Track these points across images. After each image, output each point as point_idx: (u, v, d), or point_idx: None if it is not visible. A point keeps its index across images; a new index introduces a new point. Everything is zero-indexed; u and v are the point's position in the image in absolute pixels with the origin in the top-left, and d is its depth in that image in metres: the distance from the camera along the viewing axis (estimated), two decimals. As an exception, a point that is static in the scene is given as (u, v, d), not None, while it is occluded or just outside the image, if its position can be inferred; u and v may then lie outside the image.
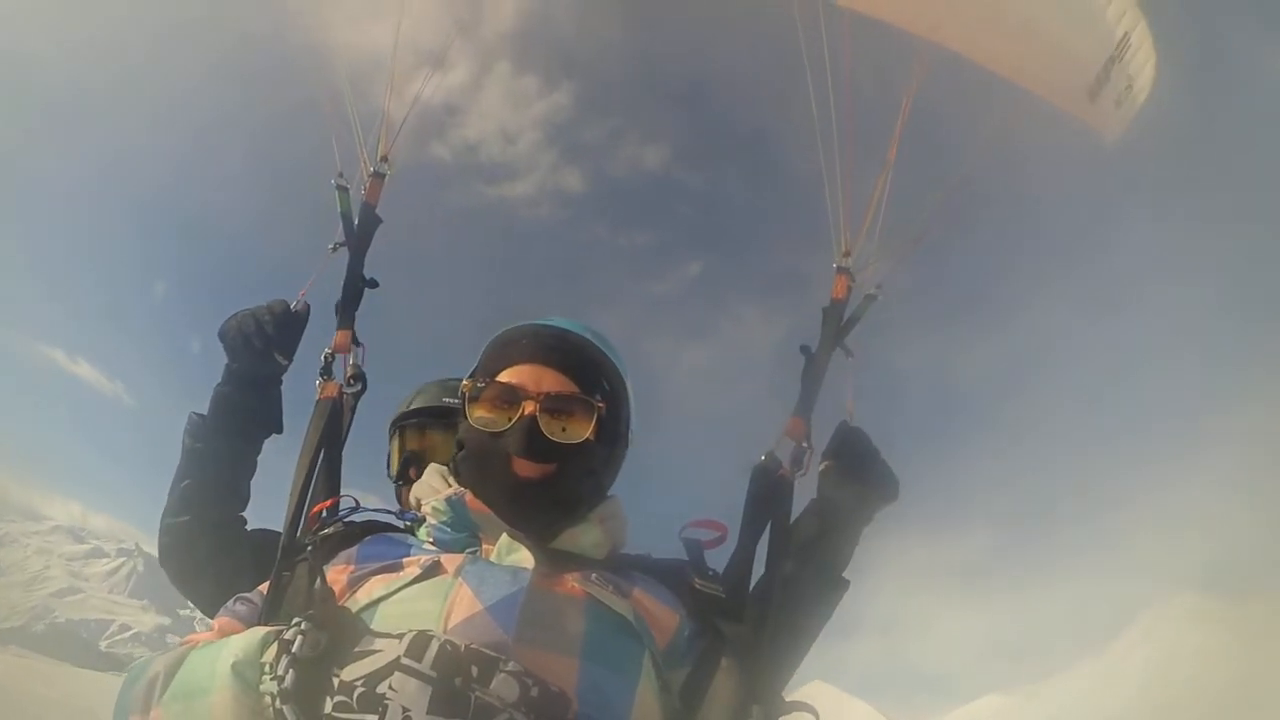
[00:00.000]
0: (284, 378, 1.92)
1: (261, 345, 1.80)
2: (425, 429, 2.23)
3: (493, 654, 1.06)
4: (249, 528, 1.86)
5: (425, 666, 1.02)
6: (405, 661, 1.02)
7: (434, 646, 1.04)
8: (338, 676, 1.04)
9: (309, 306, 1.89)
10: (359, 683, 1.02)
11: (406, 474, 2.16)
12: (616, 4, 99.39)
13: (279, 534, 1.53)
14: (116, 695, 1.22)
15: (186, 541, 1.79)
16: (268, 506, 1.68)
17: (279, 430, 1.91)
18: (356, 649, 1.06)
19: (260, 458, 1.94)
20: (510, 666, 1.06)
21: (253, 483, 1.92)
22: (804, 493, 1.78)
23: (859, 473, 1.78)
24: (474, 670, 1.04)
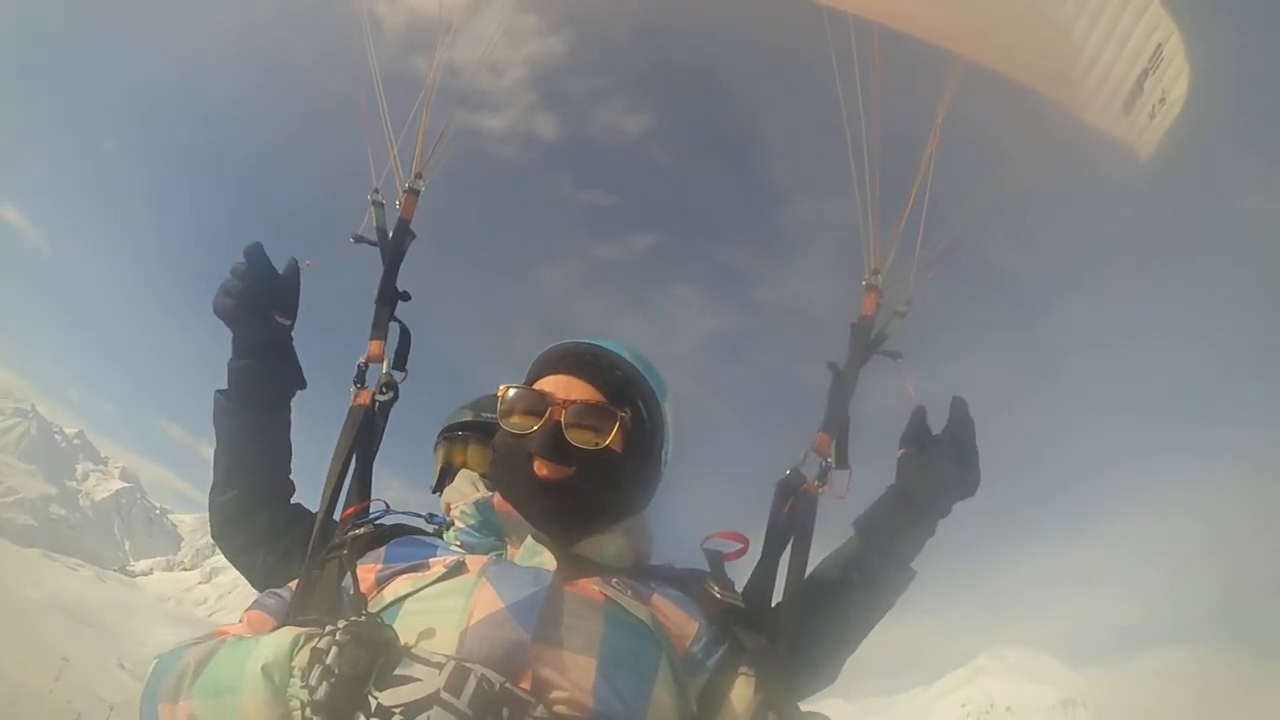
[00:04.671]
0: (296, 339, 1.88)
1: (245, 290, 1.74)
2: (468, 442, 2.29)
3: (526, 696, 1.10)
4: (300, 503, 1.88)
5: (463, 704, 1.05)
6: (444, 696, 1.05)
7: (471, 682, 1.07)
8: (374, 698, 1.05)
9: (298, 264, 1.84)
10: (397, 710, 1.05)
11: (444, 486, 2.22)
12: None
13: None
14: (144, 682, 1.27)
15: (237, 516, 1.82)
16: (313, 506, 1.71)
17: (303, 386, 1.90)
18: (395, 672, 1.08)
19: (303, 466, 1.96)
20: (539, 712, 1.09)
21: (300, 492, 1.93)
22: (827, 508, 1.77)
23: (940, 461, 1.73)
24: (505, 712, 1.07)
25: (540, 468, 1.38)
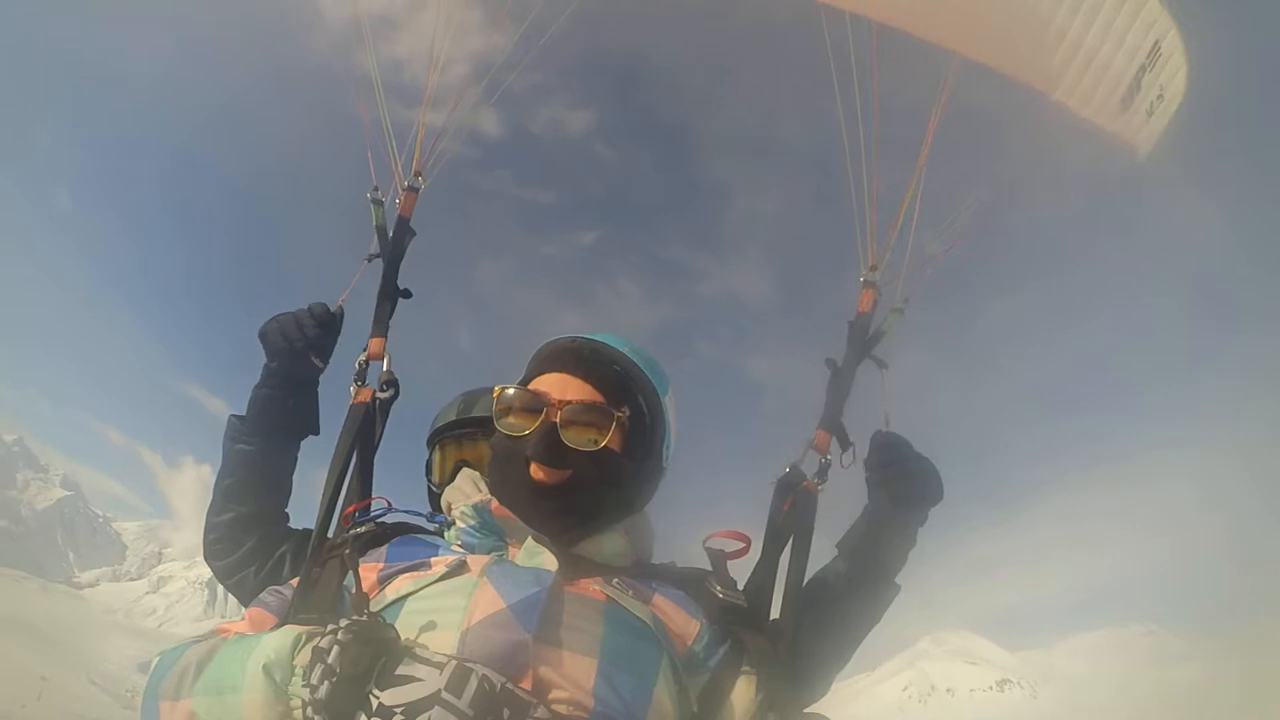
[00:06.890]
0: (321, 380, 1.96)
1: (301, 347, 1.84)
2: (468, 440, 2.28)
3: (526, 697, 1.10)
4: (292, 525, 1.91)
5: (464, 704, 1.05)
6: (446, 696, 1.05)
7: (473, 682, 1.07)
8: (376, 697, 1.06)
9: (343, 311, 1.94)
10: (399, 710, 1.05)
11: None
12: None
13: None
14: (146, 680, 1.27)
15: (232, 537, 1.85)
16: (308, 511, 1.74)
17: (316, 432, 1.96)
18: (397, 671, 1.08)
19: (303, 466, 1.98)
20: (540, 712, 1.09)
21: (296, 489, 1.97)
22: (827, 505, 1.79)
23: (902, 477, 1.77)
24: (506, 712, 1.07)
25: (536, 471, 1.36)
